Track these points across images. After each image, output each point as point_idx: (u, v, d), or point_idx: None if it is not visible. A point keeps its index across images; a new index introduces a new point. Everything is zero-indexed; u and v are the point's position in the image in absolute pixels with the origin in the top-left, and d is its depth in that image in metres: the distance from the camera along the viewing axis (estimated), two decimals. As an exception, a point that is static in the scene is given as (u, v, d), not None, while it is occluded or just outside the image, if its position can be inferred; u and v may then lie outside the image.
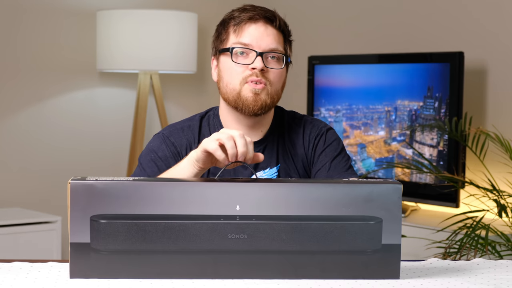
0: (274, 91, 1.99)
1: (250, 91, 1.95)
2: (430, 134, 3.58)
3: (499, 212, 2.99)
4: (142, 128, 4.05)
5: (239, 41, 1.97)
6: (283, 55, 1.99)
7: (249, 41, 1.96)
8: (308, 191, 1.59)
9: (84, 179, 1.57)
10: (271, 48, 1.97)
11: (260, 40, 1.97)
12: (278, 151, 2.05)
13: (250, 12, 1.99)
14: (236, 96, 1.97)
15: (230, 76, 1.98)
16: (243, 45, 1.97)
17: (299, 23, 4.47)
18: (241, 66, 1.96)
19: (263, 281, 1.57)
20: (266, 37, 1.97)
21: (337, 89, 3.98)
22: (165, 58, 3.95)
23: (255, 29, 1.98)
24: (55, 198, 4.04)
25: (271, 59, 1.97)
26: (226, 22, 2.02)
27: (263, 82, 1.96)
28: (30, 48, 3.99)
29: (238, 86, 1.96)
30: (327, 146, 2.06)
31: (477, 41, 3.69)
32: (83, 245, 1.55)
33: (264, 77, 1.96)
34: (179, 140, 2.01)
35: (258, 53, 1.95)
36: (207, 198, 1.57)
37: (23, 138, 3.99)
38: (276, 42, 1.98)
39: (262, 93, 1.96)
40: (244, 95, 1.96)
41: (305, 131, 2.07)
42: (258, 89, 1.95)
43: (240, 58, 1.97)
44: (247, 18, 1.98)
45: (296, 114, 2.12)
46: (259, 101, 1.96)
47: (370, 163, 3.87)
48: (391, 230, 1.59)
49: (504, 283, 1.61)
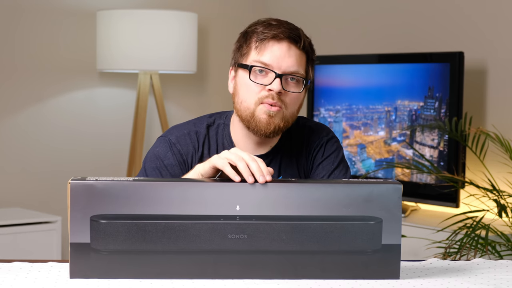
0: (289, 114, 1.93)
1: (265, 112, 1.89)
2: (430, 135, 3.58)
3: (499, 212, 2.99)
4: (142, 128, 4.05)
5: (260, 60, 1.90)
6: (303, 78, 1.92)
7: (270, 61, 1.89)
8: (308, 191, 1.59)
9: (84, 179, 1.57)
10: (292, 71, 1.90)
11: (282, 61, 1.89)
12: (282, 163, 2.01)
13: (275, 29, 1.90)
14: (249, 116, 1.91)
15: (246, 94, 1.91)
16: (263, 64, 1.89)
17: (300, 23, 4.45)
18: (258, 86, 1.89)
19: (263, 281, 1.57)
20: (288, 58, 1.89)
21: (337, 89, 3.98)
22: (165, 58, 3.95)
23: (278, 49, 1.89)
24: (55, 198, 4.04)
25: (290, 81, 1.90)
26: (249, 35, 1.94)
27: (279, 105, 1.89)
28: (30, 48, 3.99)
29: (252, 106, 1.90)
30: (325, 159, 2.01)
31: (477, 41, 3.69)
32: (83, 245, 1.55)
33: (280, 99, 1.89)
34: (186, 147, 1.97)
35: (277, 75, 1.88)
36: (207, 198, 1.57)
37: (23, 138, 3.99)
38: (298, 64, 1.91)
39: (276, 116, 1.90)
40: (258, 115, 1.90)
41: (307, 140, 2.03)
42: (273, 112, 1.89)
43: (258, 77, 1.90)
44: (270, 36, 1.89)
45: (300, 121, 2.06)
46: (272, 124, 1.90)
47: (370, 164, 3.87)
48: (391, 230, 1.59)
49: (504, 283, 1.61)
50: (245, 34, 1.95)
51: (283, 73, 1.89)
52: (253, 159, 1.65)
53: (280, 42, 1.90)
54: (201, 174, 1.75)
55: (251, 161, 1.64)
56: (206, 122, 2.02)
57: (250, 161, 1.64)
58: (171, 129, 2.03)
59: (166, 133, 2.02)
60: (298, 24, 2.00)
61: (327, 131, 2.06)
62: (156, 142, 2.02)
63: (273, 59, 1.89)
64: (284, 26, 1.91)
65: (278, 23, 1.92)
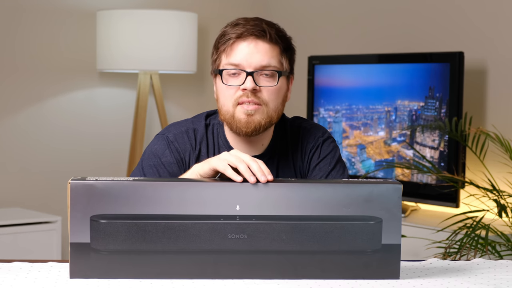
0: (272, 110, 1.91)
1: (243, 112, 1.89)
2: (431, 136, 3.58)
3: (499, 212, 2.99)
4: (142, 128, 4.05)
5: (229, 62, 1.89)
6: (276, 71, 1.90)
7: (239, 61, 1.88)
8: (308, 191, 1.59)
9: (84, 179, 1.57)
10: (262, 66, 1.88)
11: (250, 58, 1.88)
12: (279, 164, 2.00)
13: (239, 28, 1.90)
14: (230, 118, 1.90)
15: (223, 98, 1.91)
16: (233, 65, 1.89)
17: (299, 23, 4.47)
18: (233, 87, 1.89)
19: (263, 281, 1.57)
20: (256, 54, 1.88)
21: (337, 89, 3.98)
22: (165, 58, 3.95)
23: (245, 47, 1.89)
24: (55, 198, 4.04)
25: (264, 76, 1.89)
26: (217, 41, 1.94)
27: (256, 102, 1.88)
28: (30, 48, 3.99)
29: (231, 108, 1.90)
30: (322, 160, 2.00)
31: (477, 41, 3.69)
32: (83, 245, 1.55)
33: (256, 97, 1.88)
34: (183, 145, 1.97)
35: (248, 73, 1.87)
36: (207, 198, 1.57)
37: (23, 138, 3.99)
38: (269, 57, 1.89)
39: (256, 114, 1.89)
40: (237, 117, 1.89)
41: (303, 141, 2.02)
42: (251, 110, 1.88)
43: (231, 79, 1.90)
44: (235, 37, 1.89)
45: (296, 121, 2.05)
46: (252, 122, 1.89)
47: (369, 164, 3.86)
48: (391, 230, 1.59)
49: (504, 283, 1.61)
50: (216, 41, 1.96)
51: (254, 70, 1.88)
52: (254, 160, 1.65)
53: (245, 40, 1.89)
54: (199, 175, 1.75)
55: (252, 162, 1.65)
56: (204, 121, 2.02)
57: (251, 162, 1.65)
58: (169, 127, 2.03)
59: (164, 131, 2.02)
60: (299, 24, 2.00)
61: (323, 131, 2.04)
62: (154, 140, 2.02)
63: (242, 58, 1.88)
64: (249, 24, 1.90)
65: (244, 21, 1.92)
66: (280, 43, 1.92)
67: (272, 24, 1.94)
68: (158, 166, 1.95)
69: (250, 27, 1.89)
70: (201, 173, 1.75)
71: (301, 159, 2.01)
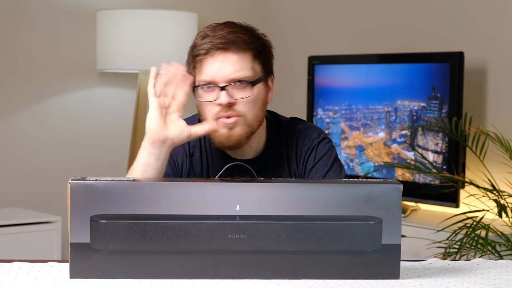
0: (251, 119, 1.89)
1: (224, 127, 1.87)
2: (434, 139, 3.57)
3: (499, 212, 2.99)
4: (142, 128, 4.05)
5: (202, 79, 1.88)
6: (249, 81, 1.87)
7: (210, 78, 1.86)
8: (308, 191, 1.59)
9: (84, 179, 1.57)
10: (234, 78, 1.86)
11: (221, 72, 1.86)
12: (273, 167, 1.98)
13: (207, 43, 1.88)
14: (212, 133, 1.88)
15: (203, 113, 1.90)
16: (205, 82, 1.87)
17: (299, 23, 4.46)
18: (210, 103, 1.87)
19: (263, 281, 1.57)
20: (227, 67, 1.86)
21: (337, 89, 3.98)
22: (165, 58, 3.95)
23: (213, 63, 1.87)
24: (55, 198, 4.04)
25: (238, 89, 1.87)
26: (189, 52, 1.94)
27: (234, 115, 1.87)
28: (30, 48, 3.99)
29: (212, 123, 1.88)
30: (318, 161, 1.98)
31: (477, 41, 3.69)
32: (83, 245, 1.55)
33: (233, 110, 1.86)
34: (176, 149, 1.96)
35: (221, 87, 1.85)
36: (207, 198, 1.57)
37: (23, 138, 3.99)
38: (239, 68, 1.86)
39: (236, 127, 1.87)
40: (219, 131, 1.88)
41: (298, 143, 2.00)
42: (231, 124, 1.87)
43: (206, 95, 1.88)
44: (203, 53, 1.88)
45: (291, 123, 2.03)
46: (233, 136, 1.88)
47: (369, 167, 3.85)
48: (391, 230, 1.59)
49: (504, 283, 1.61)
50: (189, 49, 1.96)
51: (226, 83, 1.86)
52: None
53: (213, 56, 1.87)
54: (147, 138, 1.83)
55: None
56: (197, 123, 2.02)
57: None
58: None
59: None
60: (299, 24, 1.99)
61: (318, 132, 2.02)
62: None
63: (212, 74, 1.86)
64: (216, 36, 1.88)
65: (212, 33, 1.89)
66: (252, 48, 1.89)
67: (242, 28, 1.91)
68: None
69: (216, 40, 1.87)
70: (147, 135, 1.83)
71: (296, 161, 2.00)
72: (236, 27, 1.91)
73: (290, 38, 4.40)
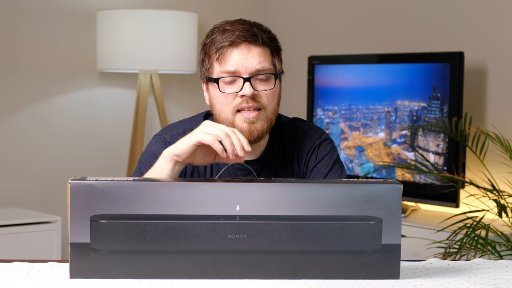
0: (270, 113, 1.91)
1: (244, 121, 1.88)
2: (435, 140, 3.56)
3: (499, 212, 2.99)
4: (142, 128, 4.05)
5: (224, 70, 1.88)
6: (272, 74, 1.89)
7: (234, 68, 1.87)
8: (308, 191, 1.59)
9: (84, 179, 1.57)
10: (258, 69, 1.87)
11: (245, 63, 1.87)
12: (276, 167, 1.99)
13: (230, 35, 1.88)
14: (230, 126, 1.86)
15: (221, 106, 1.90)
16: (229, 73, 1.87)
17: (299, 23, 4.46)
18: (230, 95, 1.88)
19: (263, 281, 1.57)
20: (251, 59, 1.87)
21: (337, 89, 3.98)
22: (165, 58, 3.95)
23: (238, 54, 1.87)
24: (55, 198, 4.04)
25: (260, 81, 1.88)
26: (207, 47, 1.92)
27: (256, 107, 1.88)
28: (30, 48, 3.99)
29: (230, 116, 1.89)
30: (319, 162, 1.99)
31: (477, 41, 3.69)
32: (83, 245, 1.55)
33: (256, 101, 1.88)
34: None
35: (245, 79, 1.86)
36: (207, 198, 1.57)
37: (23, 138, 3.99)
38: (262, 61, 1.88)
39: (257, 121, 1.88)
40: (238, 125, 1.88)
41: (299, 144, 2.00)
42: (252, 118, 1.88)
43: (227, 87, 1.88)
44: (228, 44, 1.87)
45: (293, 123, 2.04)
46: (255, 131, 1.88)
47: (369, 168, 3.85)
48: (391, 230, 1.59)
49: (504, 283, 1.61)
50: (204, 46, 1.94)
51: (250, 75, 1.87)
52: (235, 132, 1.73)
53: (238, 47, 1.88)
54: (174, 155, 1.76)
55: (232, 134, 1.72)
56: (202, 120, 2.01)
57: (232, 134, 1.72)
58: (167, 128, 2.03)
59: (161, 132, 2.02)
60: (298, 24, 2.00)
61: (320, 133, 2.03)
62: (151, 140, 2.02)
63: (237, 64, 1.87)
64: (239, 29, 1.89)
65: (230, 26, 1.90)
66: (271, 45, 1.92)
67: (259, 26, 1.93)
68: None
69: (240, 33, 1.88)
70: (178, 152, 1.75)
71: (298, 162, 2.00)
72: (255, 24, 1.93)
73: (290, 38, 4.40)
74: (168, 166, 1.77)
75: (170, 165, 1.77)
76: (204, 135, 1.72)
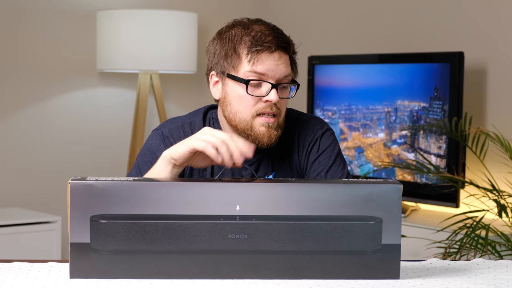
0: (282, 118, 1.93)
1: (263, 125, 1.88)
2: (437, 142, 3.56)
3: (499, 212, 2.99)
4: (142, 128, 4.05)
5: (253, 70, 1.87)
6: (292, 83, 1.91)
7: (265, 71, 1.87)
8: (308, 191, 1.59)
9: (84, 179, 1.57)
10: (286, 77, 1.89)
11: (275, 70, 1.87)
12: (275, 158, 1.98)
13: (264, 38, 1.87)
14: (247, 128, 1.89)
15: (241, 106, 1.89)
16: (257, 74, 1.87)
17: (299, 23, 4.46)
18: (255, 98, 1.88)
19: (263, 281, 1.57)
20: (280, 66, 1.88)
21: (337, 89, 3.97)
22: (165, 58, 3.95)
23: (271, 59, 1.87)
24: (55, 198, 4.04)
25: (282, 88, 1.89)
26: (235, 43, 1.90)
27: (275, 113, 1.89)
28: (30, 48, 3.99)
29: (249, 118, 1.89)
30: (321, 154, 1.98)
31: (477, 41, 3.69)
32: (83, 245, 1.55)
33: (276, 108, 1.89)
34: (179, 140, 1.93)
35: (273, 85, 1.87)
36: (207, 198, 1.57)
37: (23, 138, 3.99)
38: (289, 69, 1.90)
39: (274, 126, 1.89)
40: (257, 128, 1.88)
41: (300, 134, 2.00)
42: (271, 123, 1.89)
43: (253, 89, 1.88)
44: (265, 48, 1.86)
45: (292, 113, 2.03)
46: (273, 136, 1.89)
47: (368, 169, 3.84)
48: (391, 230, 1.59)
49: (504, 283, 1.61)
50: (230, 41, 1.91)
51: (277, 82, 1.88)
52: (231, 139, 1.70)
53: (273, 53, 1.87)
54: (173, 159, 1.75)
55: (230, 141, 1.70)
56: (202, 114, 2.01)
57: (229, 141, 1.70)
58: (166, 122, 2.03)
59: (160, 126, 2.02)
60: (299, 24, 2.00)
61: (322, 123, 2.03)
62: (150, 135, 2.02)
63: (267, 69, 1.87)
64: (272, 34, 1.88)
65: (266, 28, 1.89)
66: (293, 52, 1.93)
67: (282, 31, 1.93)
68: (154, 162, 1.94)
69: (275, 39, 1.88)
70: (175, 157, 1.74)
71: (298, 152, 2.00)
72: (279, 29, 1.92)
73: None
74: (167, 168, 1.77)
75: (169, 167, 1.77)
76: (197, 142, 1.71)
